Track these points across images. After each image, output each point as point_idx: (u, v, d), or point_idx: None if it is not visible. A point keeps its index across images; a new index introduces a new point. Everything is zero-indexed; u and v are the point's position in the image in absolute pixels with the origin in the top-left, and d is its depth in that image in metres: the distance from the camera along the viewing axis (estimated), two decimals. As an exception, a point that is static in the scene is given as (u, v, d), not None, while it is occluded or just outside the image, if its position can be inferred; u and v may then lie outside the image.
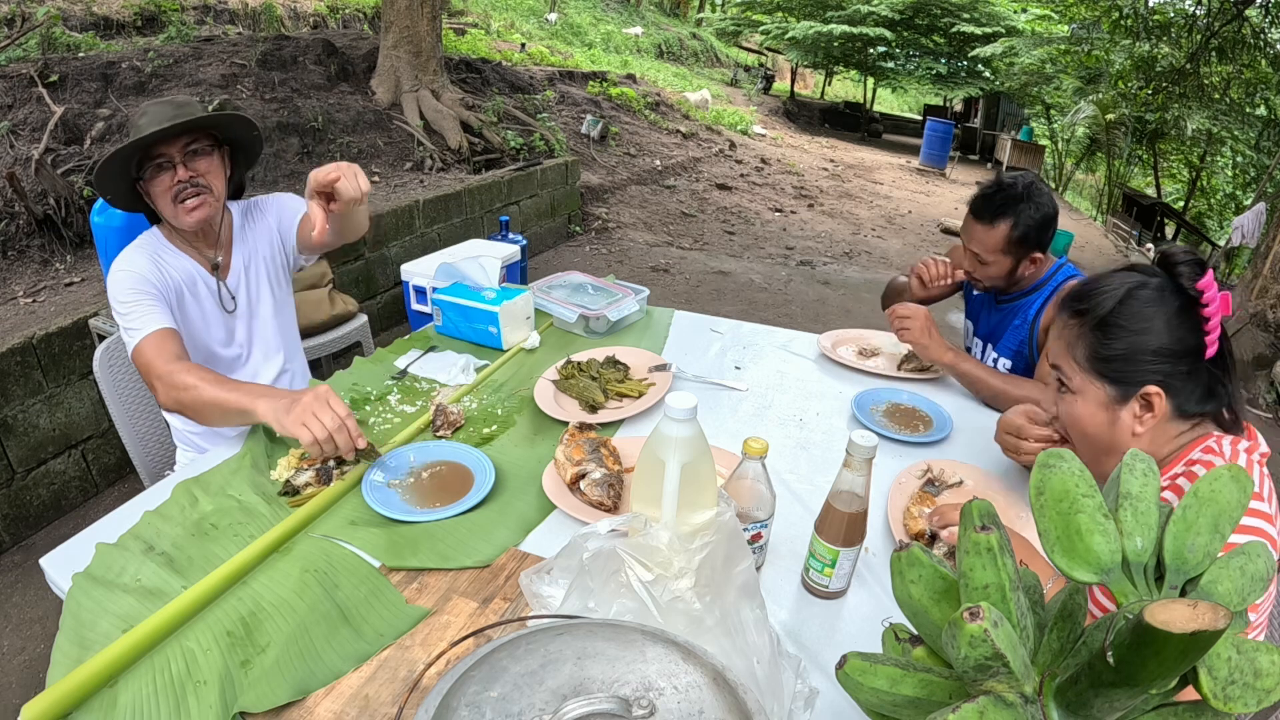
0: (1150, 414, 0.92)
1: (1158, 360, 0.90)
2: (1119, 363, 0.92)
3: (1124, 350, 0.92)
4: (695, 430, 0.82)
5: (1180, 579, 0.51)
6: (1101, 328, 0.93)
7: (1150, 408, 0.92)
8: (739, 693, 0.60)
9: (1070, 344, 0.97)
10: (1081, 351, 0.95)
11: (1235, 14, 8.00)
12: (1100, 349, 0.93)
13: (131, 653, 0.82)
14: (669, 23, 17.56)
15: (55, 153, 3.31)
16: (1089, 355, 0.94)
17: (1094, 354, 0.94)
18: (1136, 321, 0.91)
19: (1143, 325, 0.91)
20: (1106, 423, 0.95)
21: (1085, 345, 0.95)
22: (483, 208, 4.62)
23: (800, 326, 1.97)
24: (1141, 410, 0.93)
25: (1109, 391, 0.94)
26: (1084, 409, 0.96)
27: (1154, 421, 0.92)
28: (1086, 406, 0.96)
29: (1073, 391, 0.97)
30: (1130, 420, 0.93)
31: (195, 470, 1.19)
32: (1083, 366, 0.95)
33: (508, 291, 1.72)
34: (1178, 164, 13.51)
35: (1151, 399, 0.91)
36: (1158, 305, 0.91)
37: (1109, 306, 0.93)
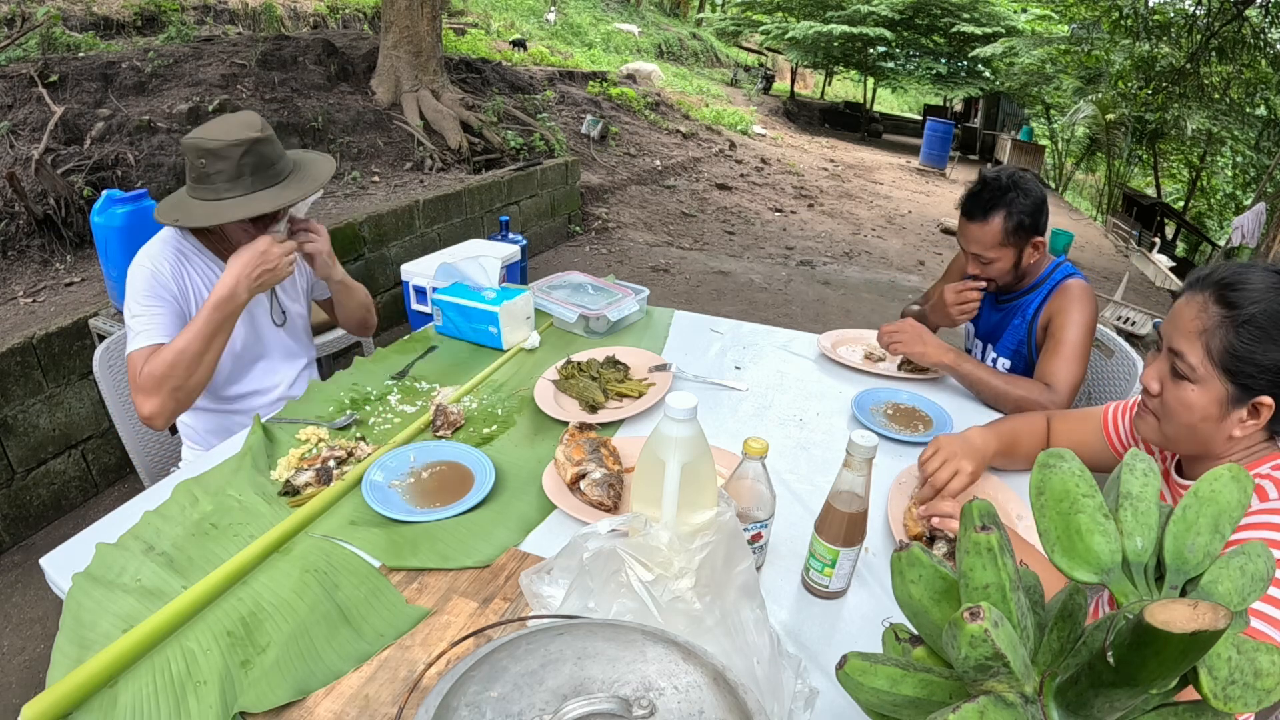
0: (1255, 421, 0.90)
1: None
2: (1253, 367, 0.88)
3: (1261, 358, 0.87)
4: (695, 430, 0.82)
5: (1180, 579, 0.51)
6: (1246, 326, 0.87)
7: (1256, 415, 0.90)
8: (739, 693, 0.60)
9: (1207, 330, 0.90)
10: (1218, 343, 0.89)
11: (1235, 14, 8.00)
12: (1240, 348, 0.88)
13: (131, 653, 0.82)
14: (669, 22, 17.56)
15: (55, 153, 3.31)
16: (1226, 350, 0.89)
17: (1231, 351, 0.88)
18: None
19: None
20: (1216, 419, 0.92)
21: (1224, 338, 0.89)
22: (483, 208, 4.62)
23: (800, 326, 1.97)
24: (1248, 416, 0.90)
25: (1230, 391, 0.90)
26: (1199, 399, 0.92)
27: (1255, 429, 0.91)
28: (1203, 398, 0.92)
29: (1191, 380, 0.92)
30: (1234, 423, 0.91)
31: (195, 470, 1.19)
32: (1214, 358, 0.90)
33: (508, 291, 1.72)
34: (1178, 164, 13.51)
35: (1261, 409, 0.89)
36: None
37: (1262, 307, 0.87)
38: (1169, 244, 9.85)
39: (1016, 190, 1.55)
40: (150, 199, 2.33)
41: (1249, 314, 0.87)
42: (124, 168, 3.46)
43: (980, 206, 1.58)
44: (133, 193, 2.28)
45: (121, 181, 3.40)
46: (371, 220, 3.70)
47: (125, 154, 3.51)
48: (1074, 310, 1.55)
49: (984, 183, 1.60)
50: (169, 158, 3.63)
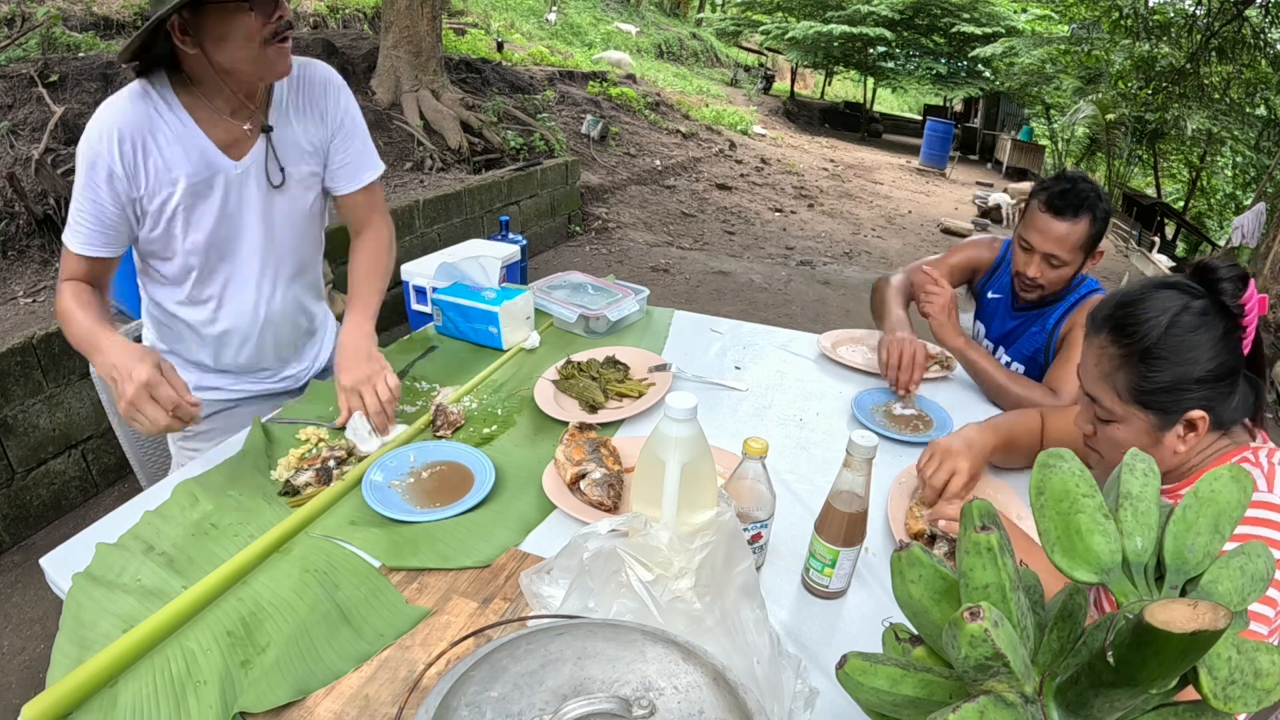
0: (1194, 434, 0.90)
1: (1203, 387, 0.88)
2: (1164, 395, 0.89)
3: (1169, 383, 0.88)
4: (695, 430, 0.82)
5: (1180, 579, 0.51)
6: (1144, 360, 0.89)
7: (1194, 428, 0.90)
8: (739, 693, 0.60)
9: (1109, 373, 0.92)
10: (1123, 382, 0.91)
11: (1235, 14, 8.00)
12: (1143, 382, 0.89)
13: (131, 653, 0.82)
14: (669, 22, 17.56)
15: (55, 153, 3.31)
16: (1131, 387, 0.91)
17: (1137, 386, 0.90)
18: (1181, 353, 0.87)
19: (1188, 356, 0.87)
20: (1149, 445, 0.93)
21: (1126, 377, 0.91)
22: (483, 208, 4.62)
23: (800, 326, 1.97)
24: (1185, 431, 0.91)
25: (1153, 420, 0.91)
26: (1126, 435, 0.93)
27: (1196, 440, 0.91)
28: (1128, 433, 0.93)
29: (1114, 420, 0.94)
30: (1173, 441, 0.92)
31: (195, 470, 1.19)
32: (1124, 397, 0.92)
33: (508, 291, 1.72)
34: (1178, 164, 13.51)
35: (1195, 422, 0.89)
36: (1202, 331, 0.87)
37: (1153, 338, 0.88)
38: (1169, 244, 9.85)
39: (1099, 198, 1.51)
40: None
41: (1143, 347, 0.88)
42: (124, 168, 3.46)
43: (1072, 204, 1.49)
44: (133, 193, 2.27)
45: (121, 181, 3.40)
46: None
47: (125, 154, 3.50)
48: None
49: (1073, 181, 1.52)
50: (169, 158, 3.63)
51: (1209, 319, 0.88)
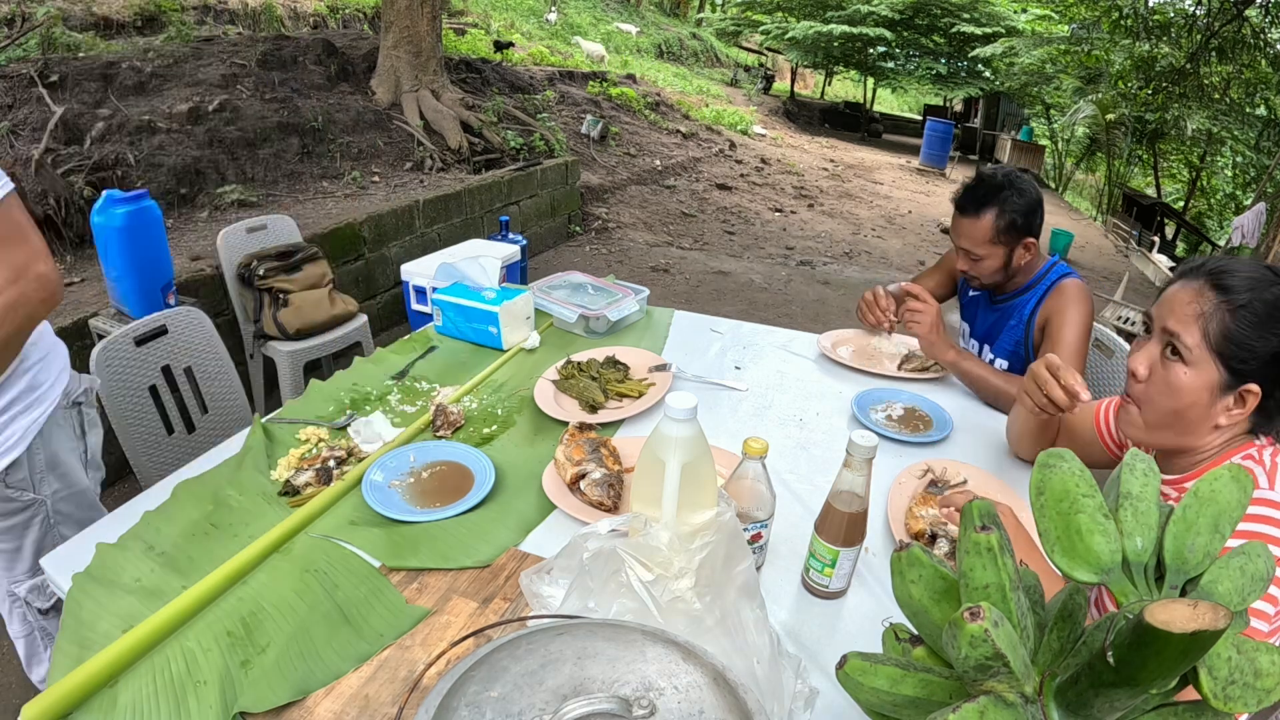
0: (1240, 410, 0.91)
1: (1272, 369, 0.89)
2: (1247, 354, 0.89)
3: (1254, 344, 0.88)
4: (695, 430, 0.82)
5: (1180, 579, 0.51)
6: (1240, 312, 0.89)
7: (1243, 404, 0.90)
8: (739, 693, 0.60)
9: (1203, 314, 0.91)
10: (1215, 326, 0.90)
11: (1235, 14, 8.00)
12: (1234, 333, 0.89)
13: (131, 653, 0.82)
14: (669, 22, 17.56)
15: (55, 153, 3.31)
16: (1223, 334, 0.89)
17: (1229, 336, 0.89)
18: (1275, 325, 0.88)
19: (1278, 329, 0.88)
20: (1205, 404, 0.92)
21: (1222, 322, 0.90)
22: (483, 208, 4.61)
23: (800, 326, 1.97)
24: (1234, 405, 0.91)
25: (1221, 377, 0.90)
26: (1191, 382, 0.92)
27: (1238, 418, 0.91)
28: (1195, 380, 0.92)
29: (1185, 362, 0.92)
30: (1221, 410, 0.92)
31: (195, 470, 1.19)
32: (1211, 343, 0.90)
33: (508, 291, 1.72)
34: (1178, 164, 13.51)
35: (1248, 397, 0.90)
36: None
37: (1252, 295, 0.88)
38: (1169, 244, 9.84)
39: (1011, 189, 1.55)
40: (150, 199, 2.33)
41: (1245, 299, 0.89)
42: (124, 168, 3.46)
43: (974, 201, 1.58)
44: (133, 193, 2.28)
45: (121, 181, 3.40)
46: (371, 220, 3.70)
47: (125, 154, 3.50)
48: (1071, 310, 1.55)
49: (980, 179, 1.60)
50: (169, 158, 3.63)
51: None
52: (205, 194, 3.71)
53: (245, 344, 2.76)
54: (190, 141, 3.79)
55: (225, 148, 3.92)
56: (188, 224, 3.51)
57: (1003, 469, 1.30)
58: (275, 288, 2.63)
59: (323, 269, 2.81)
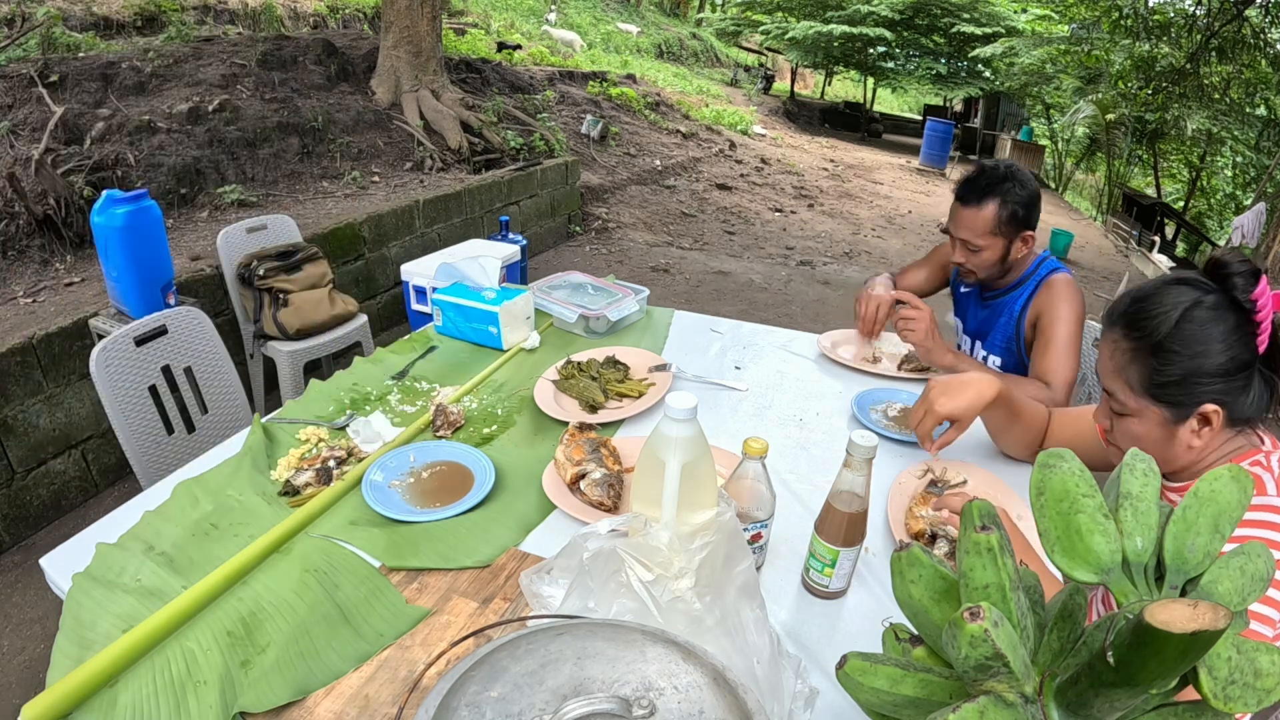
0: (1208, 428, 0.91)
1: (1215, 380, 0.88)
2: (1175, 388, 0.89)
3: (1181, 375, 0.89)
4: (695, 430, 0.82)
5: (1180, 579, 0.51)
6: (1156, 353, 0.90)
7: (1208, 423, 0.90)
8: (739, 693, 0.60)
9: (1122, 367, 0.93)
10: (1136, 376, 0.92)
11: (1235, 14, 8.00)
12: (1156, 375, 0.90)
13: (131, 653, 0.82)
14: (669, 22, 17.56)
15: (55, 153, 3.31)
16: (1144, 381, 0.91)
17: (1149, 380, 0.91)
18: (1193, 345, 0.88)
19: (1199, 349, 0.88)
20: (1164, 439, 0.93)
21: (1140, 370, 0.91)
22: (483, 208, 4.61)
23: (800, 326, 1.97)
24: (1199, 426, 0.91)
25: (1166, 414, 0.91)
26: (1141, 429, 0.94)
27: (1211, 435, 0.91)
28: (1144, 427, 0.94)
29: (1129, 414, 0.95)
30: (1187, 436, 0.92)
31: (195, 470, 1.19)
32: (1137, 391, 0.92)
33: (508, 291, 1.72)
34: (1178, 164, 13.51)
35: (1209, 416, 0.89)
36: (1213, 325, 0.88)
37: (1164, 330, 0.89)
38: (1169, 244, 9.84)
39: (1013, 181, 1.56)
40: (150, 199, 2.33)
41: (1154, 341, 0.90)
42: (124, 168, 3.46)
43: (975, 192, 1.58)
44: (133, 193, 2.28)
45: (121, 181, 3.40)
46: (371, 220, 3.70)
47: (125, 154, 3.51)
48: (1061, 306, 1.55)
49: (982, 170, 1.60)
50: (169, 158, 3.63)
51: (1221, 313, 0.88)
52: (205, 194, 3.71)
53: (245, 344, 2.76)
54: (190, 141, 3.79)
55: (225, 148, 3.92)
56: (188, 224, 3.51)
57: (1003, 469, 1.30)
58: (275, 288, 2.63)
59: (323, 269, 2.81)
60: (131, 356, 1.59)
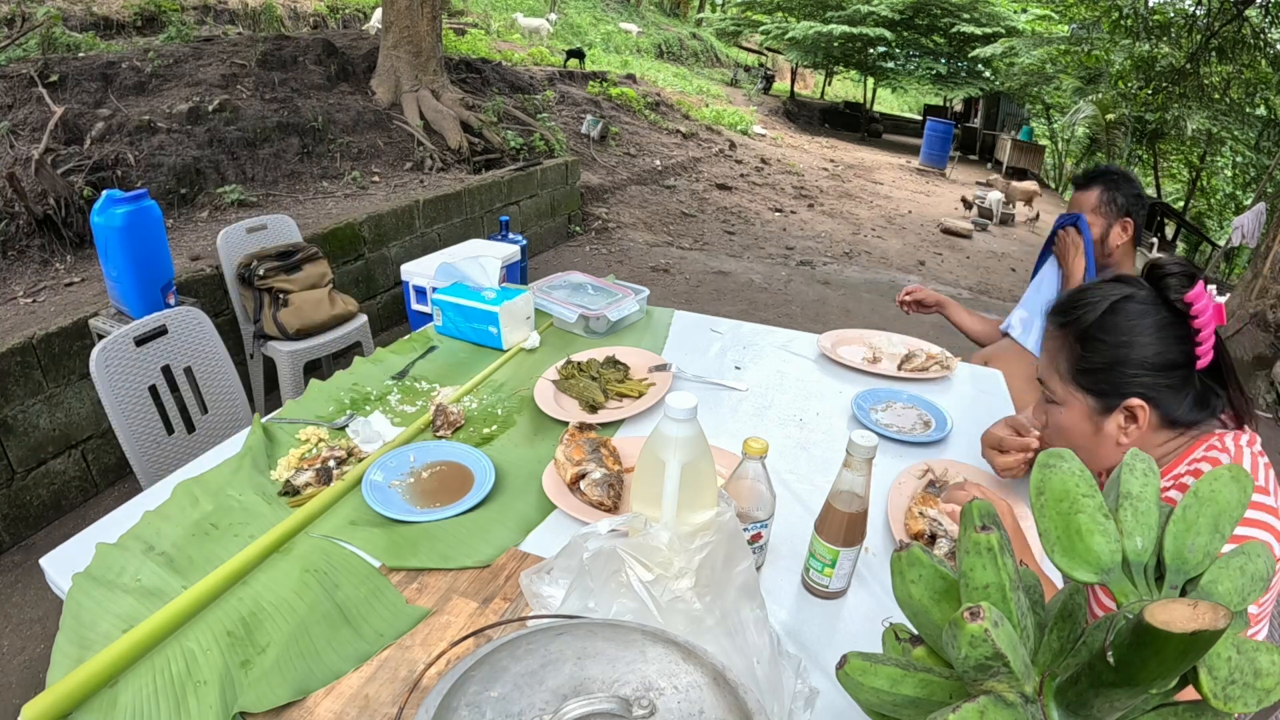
0: (1135, 425, 0.92)
1: (1141, 373, 0.90)
2: (1099, 375, 0.92)
3: (1104, 363, 0.91)
4: (695, 430, 0.82)
5: (1180, 579, 0.51)
6: (1083, 340, 0.93)
7: (1134, 419, 0.91)
8: (739, 693, 0.60)
9: (1054, 355, 0.97)
10: (1064, 363, 0.95)
11: (1235, 14, 8.00)
12: (1081, 361, 0.93)
13: (131, 653, 0.82)
14: (669, 22, 17.56)
15: (55, 153, 3.31)
16: (1071, 367, 0.94)
17: (1075, 366, 0.94)
18: (1118, 335, 0.90)
19: (1124, 339, 0.90)
20: (1090, 432, 0.95)
21: (1067, 357, 0.94)
22: (483, 208, 4.61)
23: (800, 326, 1.97)
24: (1126, 421, 0.92)
25: (1091, 403, 0.94)
26: (1068, 419, 0.96)
27: (1139, 433, 0.92)
28: (1071, 417, 0.96)
29: (1057, 403, 0.97)
30: (1115, 430, 0.93)
31: (195, 470, 1.19)
32: (1064, 378, 0.95)
33: (508, 291, 1.72)
34: (1178, 164, 13.51)
35: (1135, 411, 0.91)
36: (1141, 318, 0.90)
37: (1091, 319, 0.92)
38: (1169, 244, 9.84)
39: (1122, 177, 1.81)
40: (150, 199, 2.33)
41: (1080, 329, 0.93)
42: (124, 168, 3.46)
43: (1087, 178, 1.84)
44: (133, 193, 2.28)
45: (121, 181, 3.40)
46: (371, 220, 3.70)
47: (125, 154, 3.51)
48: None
49: (1098, 167, 1.89)
50: (169, 158, 3.63)
51: (1151, 309, 0.91)
52: (205, 194, 3.71)
53: (245, 344, 2.76)
54: (190, 141, 3.79)
55: (225, 148, 3.92)
56: (188, 224, 3.51)
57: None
58: (275, 288, 2.63)
59: (323, 269, 2.81)
60: (131, 356, 1.59)
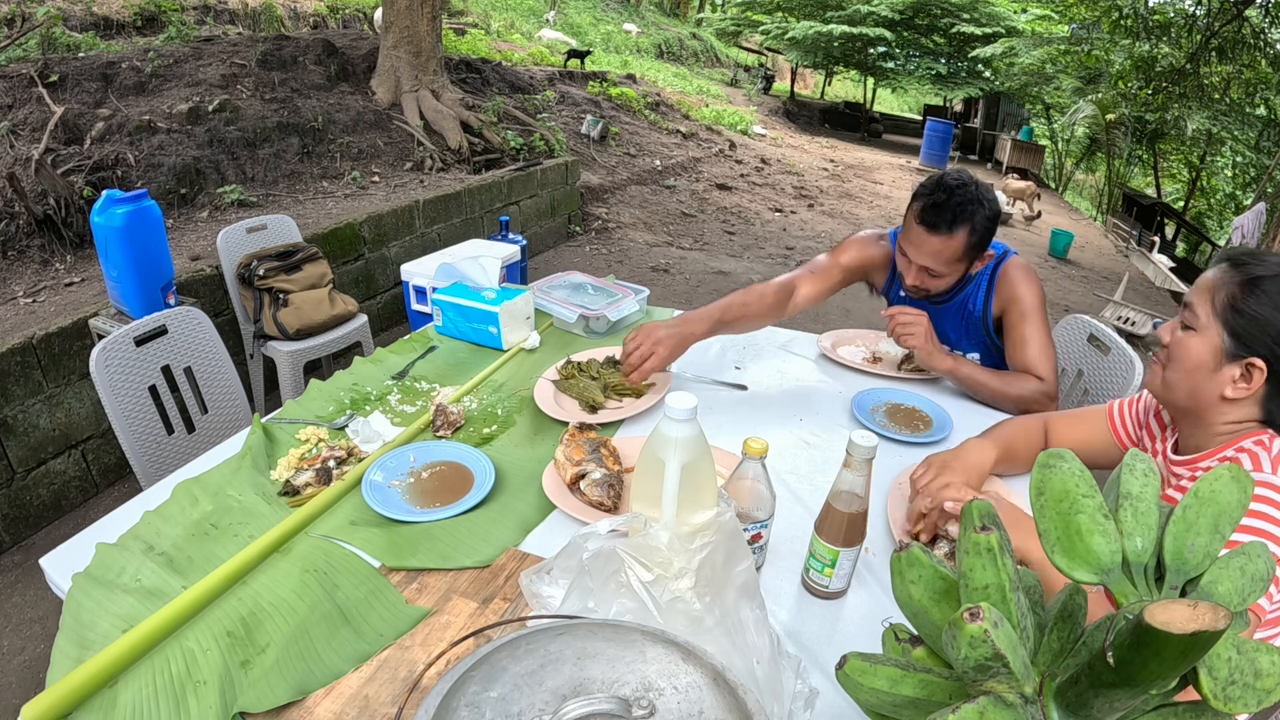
0: (1245, 385, 0.95)
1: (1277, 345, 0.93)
2: (1246, 322, 0.94)
3: (1258, 315, 0.94)
4: (695, 430, 0.82)
5: (1180, 579, 0.51)
6: (1249, 286, 0.95)
7: (1249, 378, 0.95)
8: (739, 693, 0.60)
9: (1214, 287, 0.99)
10: (1222, 297, 0.97)
11: (1235, 14, 8.00)
12: (1238, 302, 0.95)
13: (131, 653, 0.82)
14: (669, 22, 17.56)
15: (55, 153, 3.31)
16: (1226, 303, 0.96)
17: (1231, 304, 0.96)
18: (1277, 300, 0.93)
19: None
20: (1210, 368, 0.98)
21: (1227, 293, 0.97)
22: (483, 208, 4.61)
23: (800, 326, 1.97)
24: (1240, 378, 0.96)
25: (1227, 342, 0.96)
26: (1197, 346, 0.99)
27: (1246, 393, 0.96)
28: (1201, 345, 0.98)
29: (1194, 329, 0.99)
30: (1228, 379, 0.97)
31: (195, 470, 1.19)
32: (1216, 310, 0.97)
33: (508, 291, 1.72)
34: (1178, 164, 13.52)
35: (1253, 371, 0.94)
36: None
37: (1263, 273, 0.95)
38: (1169, 244, 9.84)
39: (982, 203, 1.44)
40: (150, 199, 2.33)
41: (1255, 275, 0.95)
42: (124, 168, 3.46)
43: (945, 219, 1.43)
44: (133, 193, 2.28)
45: (121, 181, 3.40)
46: (371, 220, 3.70)
47: (125, 154, 3.51)
48: (1025, 295, 1.54)
49: (949, 191, 1.43)
50: (169, 158, 3.63)
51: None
52: (205, 194, 3.71)
53: (245, 344, 2.76)
54: (190, 141, 3.79)
55: (225, 148, 3.92)
56: (188, 224, 3.51)
57: (1004, 474, 1.29)
58: (275, 288, 2.63)
59: (323, 269, 2.81)
60: (131, 356, 1.59)
